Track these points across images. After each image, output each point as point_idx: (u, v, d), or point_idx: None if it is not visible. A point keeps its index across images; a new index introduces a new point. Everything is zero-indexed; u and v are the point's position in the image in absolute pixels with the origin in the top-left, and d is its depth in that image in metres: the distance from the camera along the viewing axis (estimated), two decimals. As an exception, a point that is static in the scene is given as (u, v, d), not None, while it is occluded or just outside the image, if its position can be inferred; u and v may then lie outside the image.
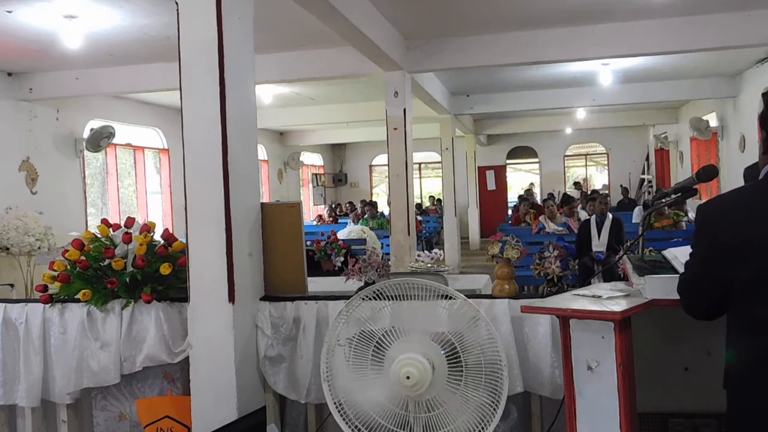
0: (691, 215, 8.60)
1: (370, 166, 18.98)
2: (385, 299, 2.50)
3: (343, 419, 2.55)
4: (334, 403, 2.57)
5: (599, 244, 7.17)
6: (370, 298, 2.53)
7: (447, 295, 2.45)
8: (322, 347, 2.62)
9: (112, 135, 8.78)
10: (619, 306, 2.03)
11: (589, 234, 7.27)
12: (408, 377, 2.34)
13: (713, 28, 6.21)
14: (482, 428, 2.38)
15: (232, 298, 2.88)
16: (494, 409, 2.37)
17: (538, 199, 14.53)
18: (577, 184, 16.92)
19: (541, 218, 8.76)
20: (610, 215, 7.42)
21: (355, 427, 2.53)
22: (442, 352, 2.41)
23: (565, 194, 10.60)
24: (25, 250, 6.72)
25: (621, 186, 15.88)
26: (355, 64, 6.69)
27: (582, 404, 2.07)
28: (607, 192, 15.16)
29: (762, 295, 1.61)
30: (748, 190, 1.76)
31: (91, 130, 8.83)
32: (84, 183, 8.95)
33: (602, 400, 2.01)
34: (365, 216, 11.47)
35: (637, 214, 10.30)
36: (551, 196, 12.43)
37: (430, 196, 17.44)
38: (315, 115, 12.18)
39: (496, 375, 2.36)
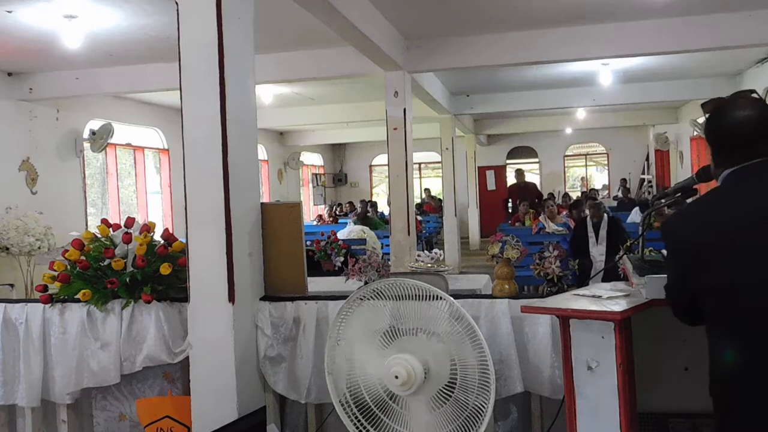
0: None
1: (370, 166, 18.98)
2: (384, 299, 2.50)
3: (346, 414, 2.55)
4: (339, 401, 2.57)
5: (598, 247, 7.06)
6: (368, 298, 2.53)
7: (423, 296, 2.44)
8: (326, 341, 2.62)
9: (111, 131, 8.80)
10: (619, 306, 2.03)
11: (586, 235, 7.16)
12: (396, 377, 2.34)
13: (713, 28, 6.20)
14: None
15: (232, 298, 2.88)
16: (482, 413, 2.37)
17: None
18: (623, 180, 15.60)
19: (541, 218, 8.74)
20: (606, 216, 7.30)
21: (358, 421, 2.53)
22: (443, 351, 2.41)
23: (576, 200, 10.43)
24: (25, 250, 6.72)
25: (620, 181, 15.73)
26: (355, 64, 6.69)
27: (582, 404, 2.07)
28: (600, 201, 14.86)
29: (727, 301, 1.63)
30: (705, 201, 1.77)
31: (92, 131, 8.83)
32: (84, 183, 8.95)
33: (602, 400, 2.01)
34: (367, 214, 11.35)
35: (635, 215, 10.28)
36: (551, 196, 12.39)
37: (425, 189, 17.20)
38: (315, 115, 12.17)
39: (486, 378, 2.36)
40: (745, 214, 1.63)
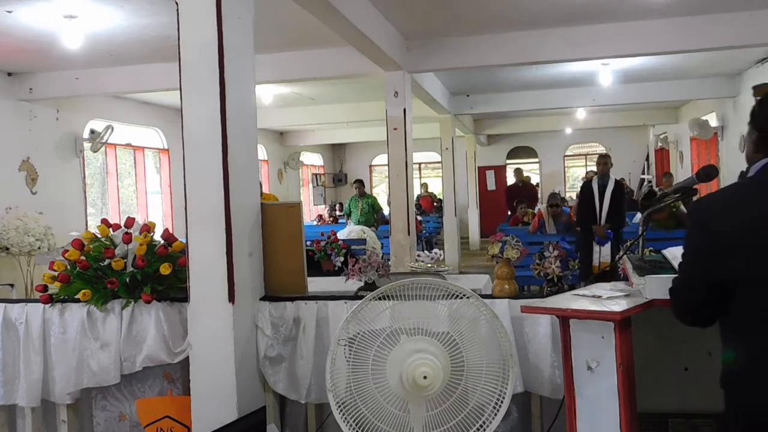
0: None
1: (370, 166, 18.98)
2: (392, 300, 2.49)
3: (344, 420, 2.54)
4: (337, 404, 2.56)
5: (603, 209, 6.88)
6: (378, 299, 2.51)
7: (449, 295, 2.45)
8: (327, 357, 2.58)
9: (110, 131, 8.81)
10: (619, 306, 2.04)
11: (593, 197, 7.00)
12: (425, 377, 2.32)
13: (714, 27, 6.20)
14: (485, 425, 2.38)
15: (232, 298, 2.88)
16: (498, 407, 2.37)
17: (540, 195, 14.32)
18: (621, 180, 15.33)
19: (543, 213, 8.65)
20: (612, 177, 7.11)
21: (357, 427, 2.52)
22: (446, 350, 2.41)
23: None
24: (25, 250, 6.72)
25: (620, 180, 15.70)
26: (355, 64, 6.69)
27: (582, 404, 2.07)
28: (608, 154, 14.63)
29: (759, 295, 1.58)
30: (742, 187, 1.73)
31: (92, 131, 8.83)
32: (84, 183, 8.95)
33: (602, 400, 2.01)
34: (354, 195, 10.74)
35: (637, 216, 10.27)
36: (554, 196, 12.20)
37: (423, 184, 17.08)
38: (315, 115, 12.17)
39: (506, 372, 2.36)
40: None
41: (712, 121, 11.50)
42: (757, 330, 1.59)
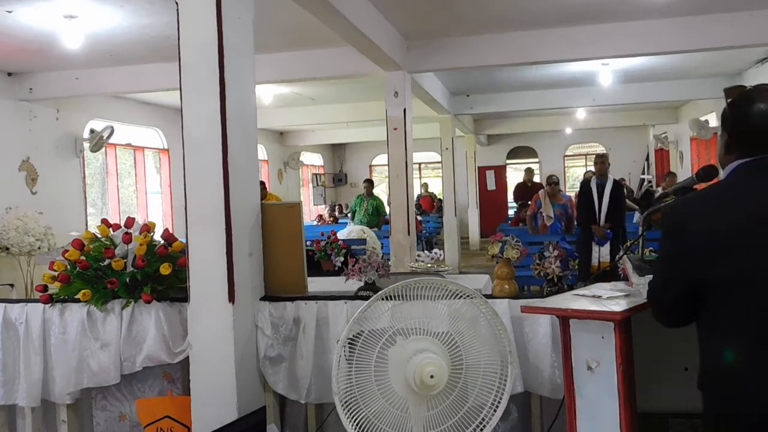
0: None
1: (370, 166, 18.98)
2: (394, 300, 2.48)
3: (346, 416, 2.54)
4: (340, 402, 2.55)
5: (603, 209, 6.92)
6: (385, 299, 2.50)
7: (451, 294, 2.45)
8: (330, 359, 2.55)
9: (111, 132, 8.81)
10: (619, 306, 2.03)
11: (592, 197, 7.03)
12: (432, 376, 2.32)
13: (714, 27, 6.20)
14: (483, 422, 2.38)
15: (232, 298, 2.88)
16: (496, 404, 2.37)
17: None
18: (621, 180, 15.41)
19: (541, 193, 8.64)
20: (611, 177, 7.13)
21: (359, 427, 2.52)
22: (447, 350, 2.41)
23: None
24: (25, 250, 6.72)
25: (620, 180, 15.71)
26: (355, 64, 6.69)
27: (582, 404, 2.07)
28: (606, 153, 14.62)
29: (738, 296, 1.58)
30: (718, 190, 1.72)
31: (92, 131, 8.84)
32: (84, 183, 8.95)
33: (602, 400, 2.01)
34: (361, 194, 10.68)
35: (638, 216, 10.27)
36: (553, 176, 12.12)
37: (423, 183, 17.06)
38: (315, 115, 12.18)
39: (505, 370, 2.36)
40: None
41: (712, 121, 11.50)
42: (755, 329, 1.59)
